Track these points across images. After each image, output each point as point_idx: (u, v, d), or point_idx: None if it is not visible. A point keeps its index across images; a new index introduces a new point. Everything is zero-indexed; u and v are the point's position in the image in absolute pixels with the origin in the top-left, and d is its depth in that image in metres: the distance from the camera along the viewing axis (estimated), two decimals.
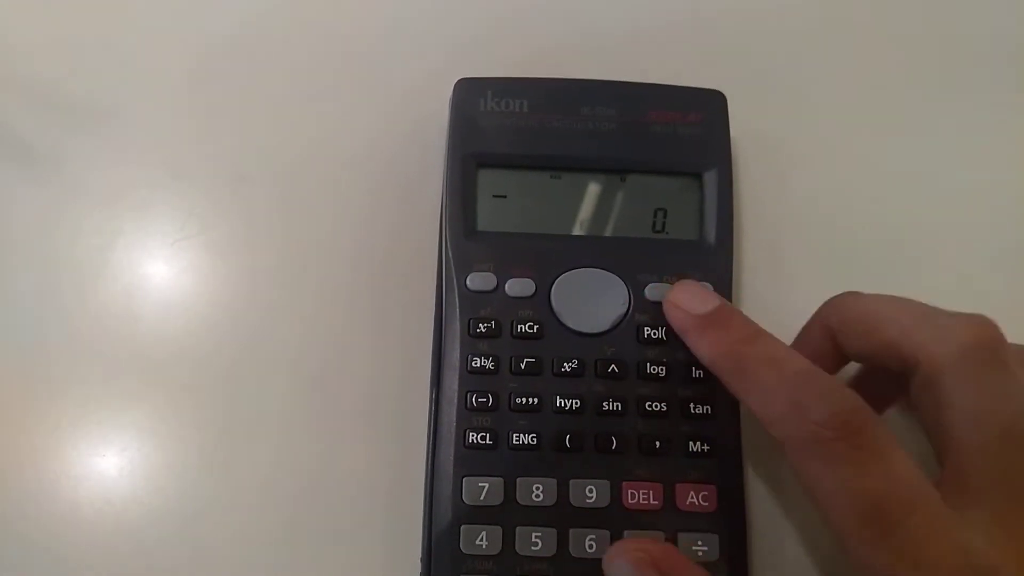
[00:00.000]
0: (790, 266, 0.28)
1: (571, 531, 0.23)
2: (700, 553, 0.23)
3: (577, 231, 0.26)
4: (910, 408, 0.20)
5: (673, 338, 0.24)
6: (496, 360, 0.24)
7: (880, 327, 0.22)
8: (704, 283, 0.25)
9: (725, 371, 0.22)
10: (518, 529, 0.23)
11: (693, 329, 0.23)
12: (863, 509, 0.19)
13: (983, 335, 0.20)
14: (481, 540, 0.23)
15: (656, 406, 0.24)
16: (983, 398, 0.20)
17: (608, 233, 0.26)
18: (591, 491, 0.23)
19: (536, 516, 0.23)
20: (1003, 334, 0.20)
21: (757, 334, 0.22)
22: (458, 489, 0.23)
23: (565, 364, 0.24)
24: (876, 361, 0.22)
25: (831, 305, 0.24)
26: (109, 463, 0.26)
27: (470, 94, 0.26)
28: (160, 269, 0.28)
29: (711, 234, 0.26)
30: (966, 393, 0.20)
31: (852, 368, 0.25)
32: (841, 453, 0.19)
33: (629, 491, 0.23)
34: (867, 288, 0.23)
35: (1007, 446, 0.19)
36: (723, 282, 0.25)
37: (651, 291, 0.25)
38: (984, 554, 0.18)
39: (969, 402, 0.20)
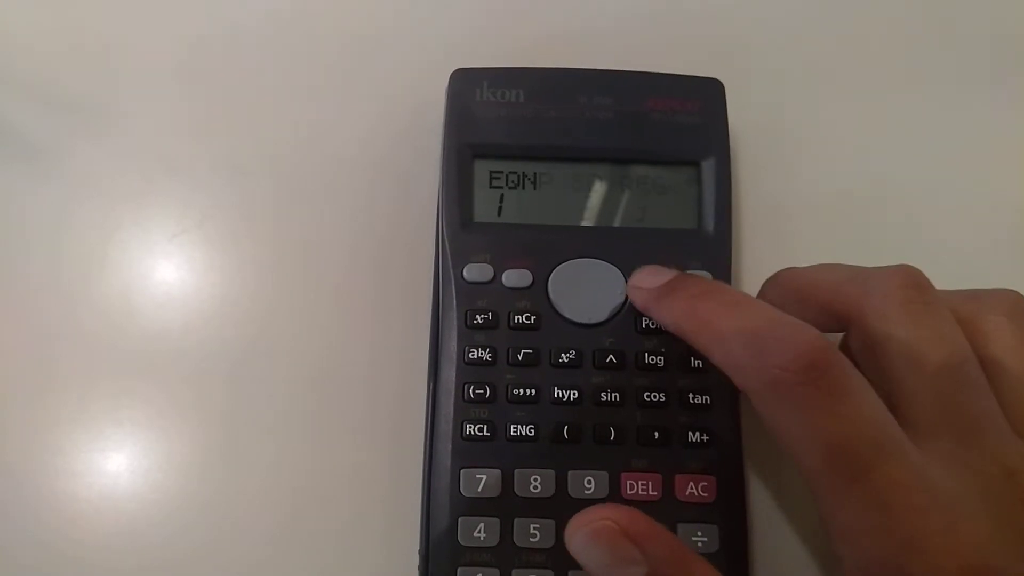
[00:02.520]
0: (793, 254, 0.28)
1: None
2: (700, 544, 0.23)
3: (574, 221, 0.26)
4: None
5: None
6: (493, 351, 0.24)
7: (814, 291, 0.22)
8: (703, 272, 0.24)
9: (686, 329, 0.21)
10: (516, 521, 0.23)
11: (653, 301, 0.23)
12: (831, 453, 0.18)
13: (909, 280, 0.21)
14: (479, 532, 0.23)
15: (655, 396, 0.24)
16: (918, 337, 0.20)
17: (606, 223, 0.26)
18: (590, 482, 0.23)
19: (534, 508, 0.23)
20: (927, 278, 0.21)
21: (714, 287, 0.22)
22: (456, 481, 0.23)
23: (563, 355, 0.24)
24: (816, 327, 0.22)
25: (769, 283, 0.24)
26: (109, 459, 0.26)
27: (466, 85, 0.26)
28: (159, 264, 0.28)
29: (710, 223, 0.25)
30: (901, 335, 0.20)
31: None
32: (806, 396, 0.18)
33: (628, 482, 0.23)
34: None
35: (945, 380, 0.19)
36: (722, 271, 0.25)
37: None
38: (946, 491, 0.18)
39: (905, 343, 0.20)
